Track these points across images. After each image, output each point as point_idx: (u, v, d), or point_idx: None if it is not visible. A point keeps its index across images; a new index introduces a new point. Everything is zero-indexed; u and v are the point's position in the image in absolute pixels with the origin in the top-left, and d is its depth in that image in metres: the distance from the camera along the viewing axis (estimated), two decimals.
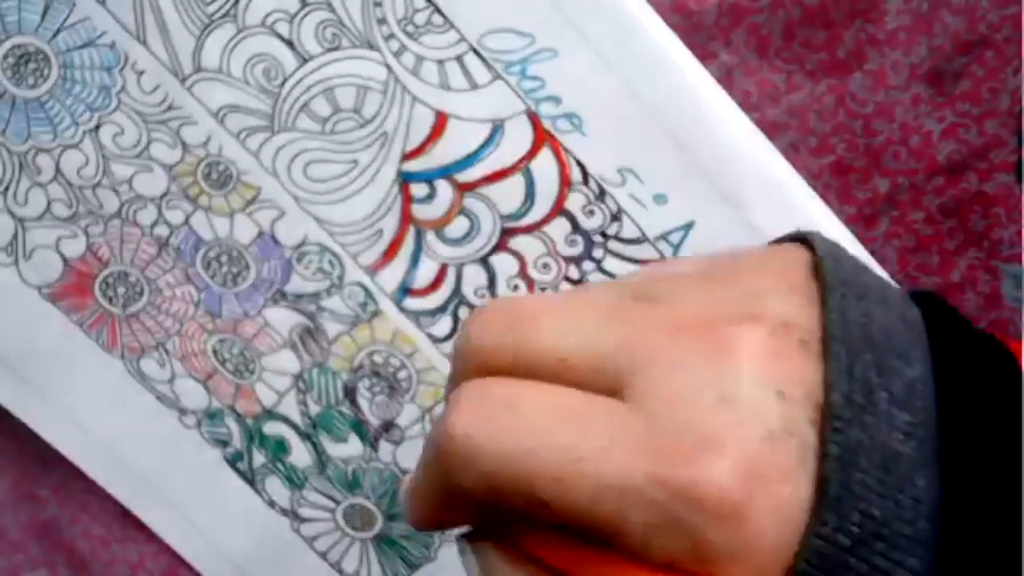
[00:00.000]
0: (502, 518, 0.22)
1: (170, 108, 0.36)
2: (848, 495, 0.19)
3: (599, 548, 0.20)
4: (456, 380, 0.23)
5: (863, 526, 0.19)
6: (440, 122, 0.35)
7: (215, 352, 0.39)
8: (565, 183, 0.35)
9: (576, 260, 0.36)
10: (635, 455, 0.19)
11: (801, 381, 0.20)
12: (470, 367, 0.23)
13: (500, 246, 0.36)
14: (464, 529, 0.24)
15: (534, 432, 0.20)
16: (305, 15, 0.34)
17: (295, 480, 0.40)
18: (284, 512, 0.40)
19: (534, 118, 0.34)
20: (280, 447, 0.39)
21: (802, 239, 0.23)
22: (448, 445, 0.21)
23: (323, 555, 0.41)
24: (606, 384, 0.21)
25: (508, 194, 0.35)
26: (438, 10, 0.34)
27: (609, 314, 0.22)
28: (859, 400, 0.20)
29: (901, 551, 0.19)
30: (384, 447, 0.39)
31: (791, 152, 0.34)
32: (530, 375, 0.22)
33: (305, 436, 0.39)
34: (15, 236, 0.38)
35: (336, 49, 0.35)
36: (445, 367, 0.37)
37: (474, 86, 0.34)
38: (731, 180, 0.34)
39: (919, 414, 0.20)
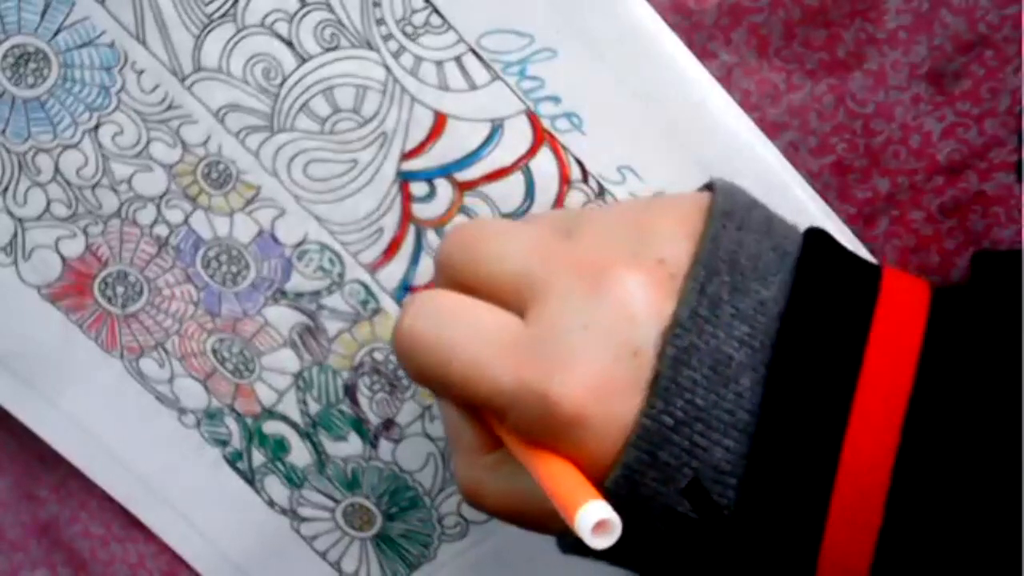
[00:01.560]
0: None
1: (170, 107, 0.36)
2: (675, 387, 0.24)
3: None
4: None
5: (686, 411, 0.24)
6: (439, 122, 0.35)
7: (214, 351, 0.39)
8: (565, 181, 0.35)
9: None
10: (518, 367, 0.25)
11: (657, 310, 0.25)
12: (439, 279, 0.30)
13: None
14: None
15: (452, 342, 0.27)
16: (304, 15, 0.34)
17: (294, 479, 0.40)
18: (284, 511, 0.40)
19: (533, 117, 0.34)
20: (280, 446, 0.39)
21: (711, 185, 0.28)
22: (396, 337, 0.28)
23: (322, 554, 0.41)
24: (519, 305, 0.27)
25: (508, 193, 0.35)
26: (436, 11, 0.34)
27: (532, 245, 0.28)
28: (703, 313, 0.25)
29: (719, 433, 0.24)
30: (384, 445, 0.39)
31: (791, 152, 0.34)
32: (474, 290, 0.28)
33: (305, 435, 0.39)
34: (14, 236, 0.38)
35: (335, 49, 0.34)
36: None
37: (473, 87, 0.34)
38: (731, 179, 0.33)
39: (759, 327, 0.25)
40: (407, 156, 0.35)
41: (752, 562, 0.25)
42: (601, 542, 0.23)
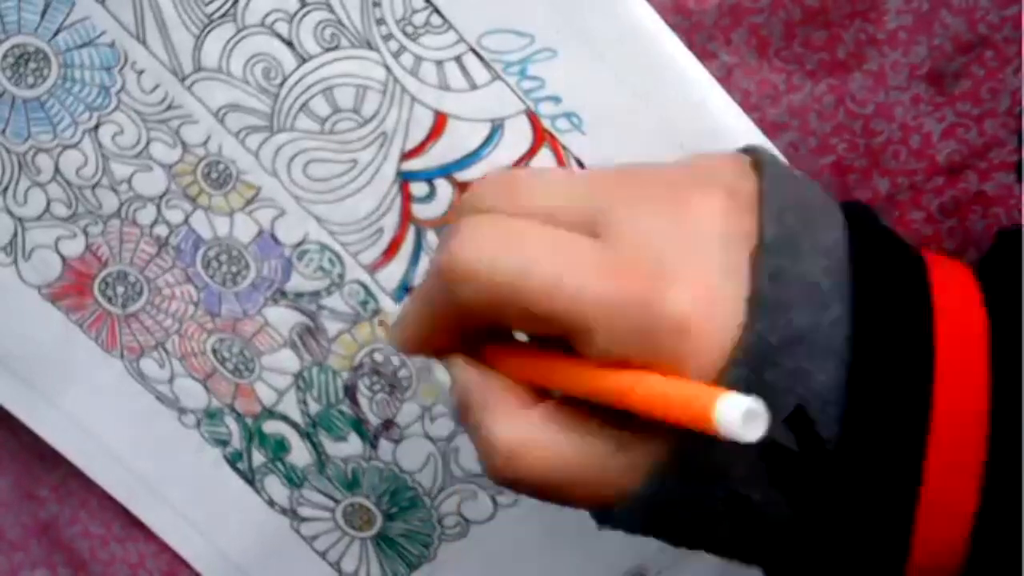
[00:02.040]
0: (472, 343, 0.28)
1: (170, 107, 0.36)
2: (777, 305, 0.23)
3: (562, 355, 0.25)
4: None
5: (788, 331, 0.23)
6: (439, 122, 0.35)
7: (215, 351, 0.39)
8: None
9: None
10: (610, 278, 0.24)
11: (743, 231, 0.25)
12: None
13: None
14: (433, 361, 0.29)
15: (527, 257, 0.24)
16: (304, 15, 0.34)
17: (295, 479, 0.40)
18: (284, 511, 0.40)
19: (533, 117, 0.34)
20: (280, 446, 0.39)
21: (744, 150, 0.28)
22: (452, 263, 0.25)
23: (322, 554, 0.41)
24: (584, 231, 0.25)
25: None
26: (437, 10, 0.34)
27: (592, 180, 0.27)
28: (785, 239, 0.24)
29: (820, 358, 0.23)
30: (384, 446, 0.39)
31: (791, 152, 0.34)
32: None
33: (305, 435, 0.39)
34: (14, 236, 0.38)
35: (335, 49, 0.34)
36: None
37: (473, 86, 0.34)
38: None
39: (835, 263, 0.24)
40: (407, 156, 0.35)
41: (850, 499, 0.24)
42: (753, 432, 0.21)
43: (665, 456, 0.24)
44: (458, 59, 0.34)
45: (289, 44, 0.35)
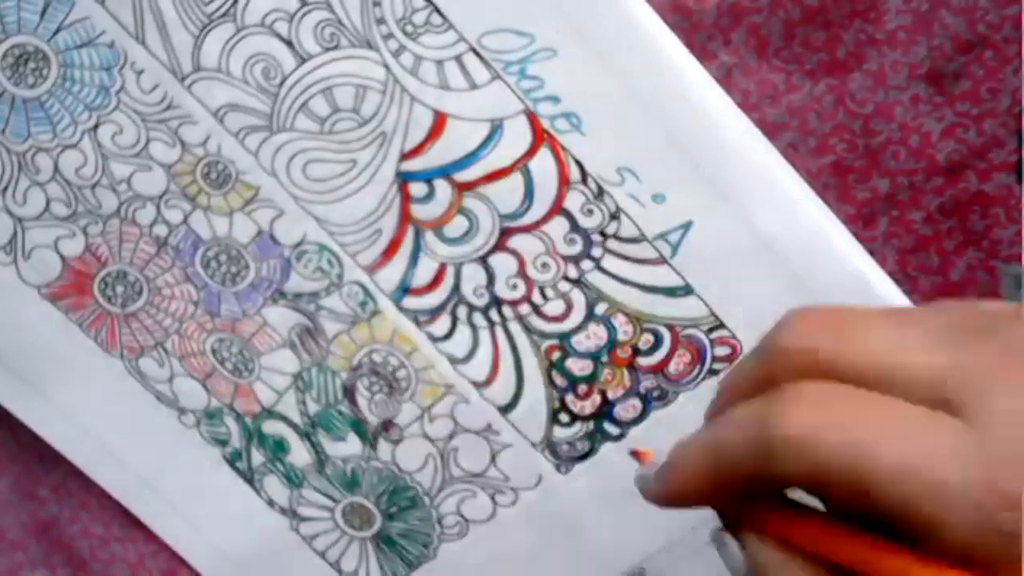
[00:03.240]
0: (751, 509, 0.24)
1: (169, 107, 0.36)
2: None
3: (888, 542, 0.22)
4: (754, 370, 0.25)
5: None
6: (439, 122, 0.34)
7: (214, 351, 0.38)
8: (564, 182, 0.34)
9: (575, 259, 0.35)
10: (972, 465, 0.21)
11: None
12: (788, 364, 0.24)
13: (499, 245, 0.35)
14: (717, 524, 0.26)
15: (884, 433, 0.22)
16: (304, 15, 0.34)
17: (294, 479, 0.40)
18: (283, 511, 0.40)
19: (533, 117, 0.34)
20: (279, 446, 0.39)
21: None
22: (781, 434, 0.22)
23: (322, 554, 0.41)
24: (935, 404, 0.22)
25: (507, 193, 0.35)
26: (437, 10, 0.34)
27: (940, 336, 0.23)
28: None
29: None
30: (383, 446, 0.38)
31: (791, 152, 0.34)
32: (848, 383, 0.23)
33: (304, 435, 0.39)
34: (14, 235, 0.38)
35: (335, 49, 0.34)
36: (444, 366, 0.37)
37: (473, 86, 0.34)
38: (730, 180, 0.33)
39: None
40: (406, 156, 0.35)
41: None
42: None
43: None
44: (458, 59, 0.34)
45: (289, 44, 0.34)
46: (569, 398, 0.37)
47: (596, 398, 0.37)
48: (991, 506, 0.21)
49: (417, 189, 0.35)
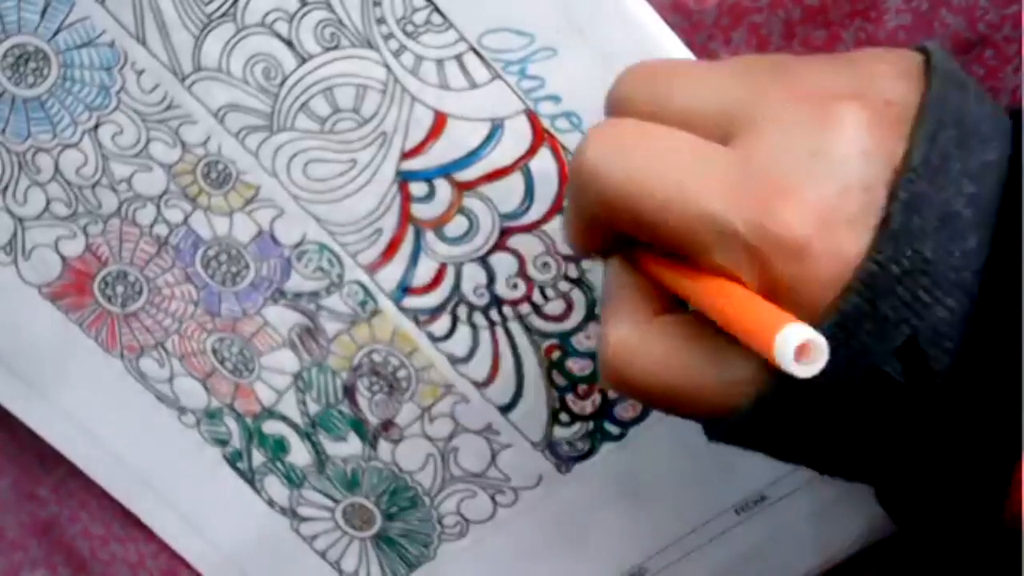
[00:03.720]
0: (623, 247, 0.27)
1: (169, 107, 0.36)
2: (906, 234, 0.22)
3: (688, 265, 0.25)
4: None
5: (913, 261, 0.22)
6: (439, 121, 0.34)
7: (214, 351, 0.38)
8: (564, 182, 0.34)
9: (575, 259, 0.35)
10: (728, 194, 0.23)
11: (887, 149, 0.23)
12: (612, 114, 0.28)
13: (499, 245, 0.35)
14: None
15: (648, 164, 0.24)
16: (304, 15, 0.34)
17: (294, 479, 0.39)
18: (283, 511, 0.40)
19: (533, 117, 0.34)
20: (279, 446, 0.39)
21: (919, 49, 0.26)
22: (577, 168, 0.26)
23: (322, 554, 0.41)
24: (720, 135, 0.24)
25: (507, 193, 0.35)
26: (437, 9, 0.33)
27: (734, 76, 0.25)
28: (935, 162, 0.23)
29: (943, 291, 0.22)
30: (383, 446, 0.38)
31: None
32: (662, 123, 0.25)
33: (304, 435, 0.39)
34: (14, 235, 0.38)
35: (335, 48, 0.34)
36: (444, 366, 0.37)
37: (473, 85, 0.34)
38: None
39: (984, 189, 0.23)
40: (406, 156, 0.35)
41: (953, 437, 0.23)
42: (807, 369, 0.21)
43: (765, 382, 0.24)
44: (458, 58, 0.34)
45: (289, 44, 0.34)
46: (569, 398, 0.37)
47: (596, 398, 0.37)
48: (742, 232, 0.23)
49: (417, 189, 0.35)
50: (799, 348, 0.21)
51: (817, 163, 0.23)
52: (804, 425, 0.24)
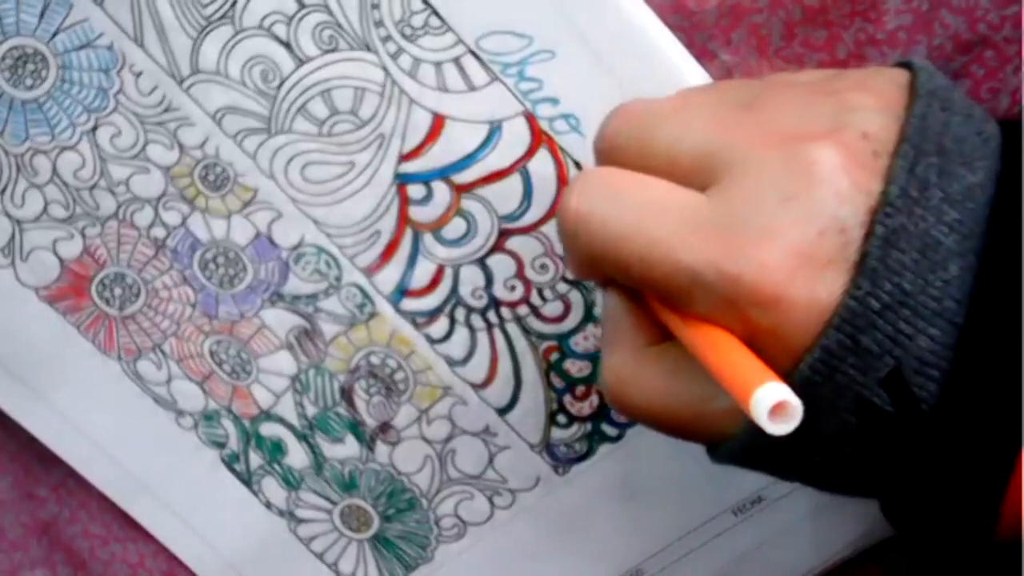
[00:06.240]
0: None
1: (167, 110, 0.35)
2: (884, 268, 0.22)
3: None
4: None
5: (893, 295, 0.22)
6: (437, 124, 0.34)
7: (212, 353, 0.38)
8: (562, 184, 0.34)
9: None
10: (703, 244, 0.23)
11: (863, 187, 0.23)
12: (601, 162, 0.28)
13: (497, 247, 0.35)
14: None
15: (629, 218, 0.24)
16: (302, 17, 0.33)
17: (292, 481, 0.39)
18: (281, 513, 0.40)
19: (531, 119, 0.33)
20: (277, 448, 0.39)
21: (906, 64, 0.26)
22: (562, 218, 0.26)
23: (320, 556, 0.40)
24: (702, 181, 0.24)
25: (505, 195, 0.34)
26: (435, 12, 0.33)
27: (713, 119, 0.25)
28: (913, 194, 0.22)
29: (925, 321, 0.22)
30: (381, 448, 0.38)
31: None
32: (648, 170, 0.25)
33: (302, 437, 0.38)
34: (12, 237, 0.37)
35: (333, 51, 0.34)
36: (442, 368, 0.36)
37: (471, 87, 0.33)
38: None
39: (968, 214, 0.22)
40: (405, 158, 0.34)
41: (944, 462, 0.23)
42: (780, 428, 0.21)
43: None
44: (456, 61, 0.33)
45: (287, 46, 0.34)
46: (567, 399, 0.36)
47: (594, 399, 0.36)
48: (717, 283, 0.23)
49: (415, 191, 0.35)
50: (775, 407, 0.21)
51: (791, 209, 0.23)
52: (796, 452, 0.24)
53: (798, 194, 0.23)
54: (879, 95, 0.24)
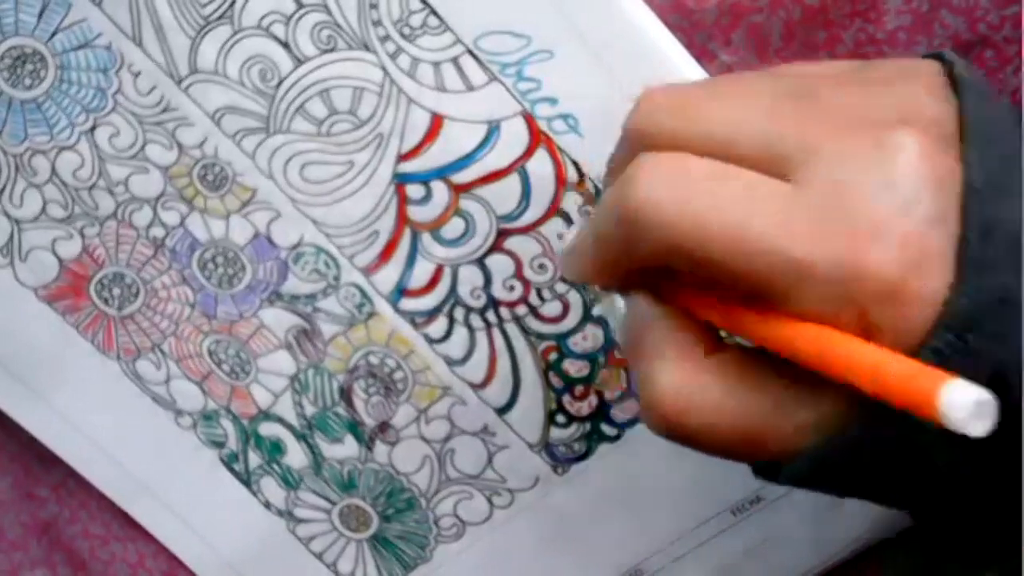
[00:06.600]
0: (651, 280, 0.25)
1: (166, 110, 0.35)
2: (985, 262, 0.21)
3: (754, 306, 0.22)
4: (622, 156, 0.25)
5: (995, 291, 0.21)
6: (436, 123, 0.34)
7: (211, 353, 0.38)
8: (561, 183, 0.33)
9: None
10: (804, 233, 0.21)
11: (949, 172, 0.21)
12: (638, 145, 0.24)
13: (496, 247, 0.34)
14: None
15: (712, 203, 0.22)
16: (301, 17, 0.33)
17: (291, 481, 0.39)
18: (280, 513, 0.39)
19: (529, 119, 0.33)
20: (276, 448, 0.38)
21: (934, 55, 0.25)
22: (630, 210, 0.23)
23: (319, 556, 0.40)
24: (771, 171, 0.22)
25: (504, 195, 0.34)
26: (434, 12, 0.33)
27: (774, 105, 0.23)
28: (996, 181, 0.21)
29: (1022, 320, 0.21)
30: (379, 448, 0.38)
31: None
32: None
33: (301, 437, 0.38)
34: (11, 237, 0.37)
35: (332, 51, 0.33)
36: (441, 368, 0.36)
37: (470, 88, 0.33)
38: None
39: None
40: (403, 158, 0.34)
41: None
42: (979, 427, 0.19)
43: (839, 419, 0.22)
44: (455, 60, 0.33)
45: (285, 46, 0.34)
46: (566, 399, 0.36)
47: (593, 399, 0.36)
48: (833, 276, 0.21)
49: (414, 191, 0.34)
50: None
51: (891, 197, 0.21)
52: (879, 464, 0.22)
53: (894, 182, 0.21)
54: (930, 84, 0.23)
